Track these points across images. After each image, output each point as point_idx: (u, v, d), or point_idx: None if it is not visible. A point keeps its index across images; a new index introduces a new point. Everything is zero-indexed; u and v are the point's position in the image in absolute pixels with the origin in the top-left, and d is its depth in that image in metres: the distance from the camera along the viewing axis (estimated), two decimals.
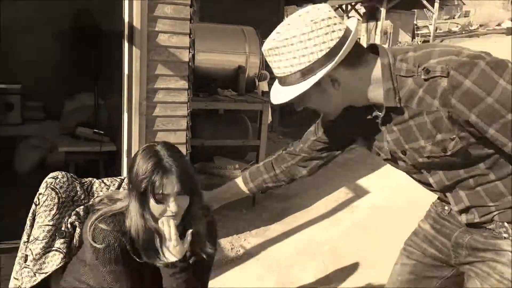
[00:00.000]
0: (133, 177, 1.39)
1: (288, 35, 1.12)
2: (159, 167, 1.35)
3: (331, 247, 3.40)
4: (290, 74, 1.16)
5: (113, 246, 1.42)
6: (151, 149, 1.41)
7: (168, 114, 3.12)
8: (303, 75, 1.14)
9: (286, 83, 1.19)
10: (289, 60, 1.14)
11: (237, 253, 3.40)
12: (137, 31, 2.91)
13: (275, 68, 1.20)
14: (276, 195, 4.57)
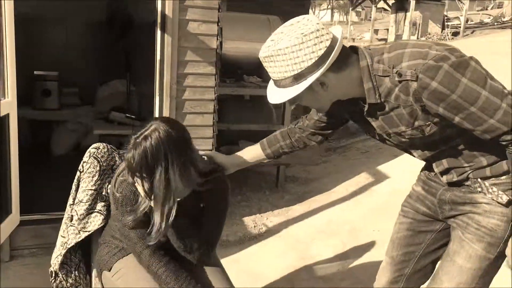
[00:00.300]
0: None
1: (281, 46, 1.28)
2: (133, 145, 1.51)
3: (350, 227, 3.55)
4: (284, 79, 1.33)
5: (129, 197, 1.62)
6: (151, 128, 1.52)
7: (197, 98, 3.32)
8: (296, 79, 1.31)
9: (281, 85, 1.35)
10: (283, 67, 1.30)
11: (260, 230, 3.59)
12: (169, 20, 3.11)
13: (271, 73, 1.36)
14: (298, 178, 4.74)
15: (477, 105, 1.25)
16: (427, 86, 1.25)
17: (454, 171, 1.49)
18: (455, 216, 1.54)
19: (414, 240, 1.68)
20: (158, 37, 3.17)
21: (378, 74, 1.35)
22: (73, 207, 1.93)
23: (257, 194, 4.25)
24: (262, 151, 1.87)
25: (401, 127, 1.41)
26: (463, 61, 1.25)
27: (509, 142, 1.32)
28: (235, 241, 3.40)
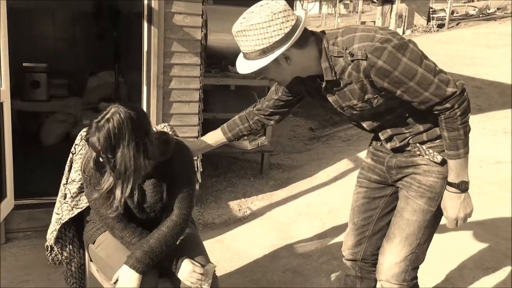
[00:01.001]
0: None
1: (253, 22, 1.46)
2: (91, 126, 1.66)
3: (329, 209, 3.75)
4: (254, 52, 1.50)
5: (95, 175, 1.76)
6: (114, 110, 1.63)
7: (183, 87, 3.47)
8: (264, 52, 1.49)
9: (250, 58, 1.53)
10: (254, 41, 1.48)
11: (244, 213, 3.77)
12: (155, 12, 3.25)
13: (242, 46, 1.54)
14: (282, 165, 4.92)
15: (414, 80, 1.49)
16: (375, 64, 1.48)
17: (396, 138, 1.72)
18: (401, 179, 1.77)
19: (370, 206, 1.90)
20: (144, 29, 3.31)
21: (333, 55, 1.56)
22: (66, 186, 2.08)
23: (243, 180, 4.43)
24: (223, 135, 2.05)
25: (353, 100, 1.63)
26: (403, 43, 1.48)
27: (440, 111, 1.54)
28: (220, 223, 3.58)
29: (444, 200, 1.67)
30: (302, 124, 6.95)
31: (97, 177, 1.77)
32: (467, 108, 1.55)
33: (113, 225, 1.80)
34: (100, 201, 1.78)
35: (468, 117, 1.57)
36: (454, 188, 1.62)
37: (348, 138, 5.80)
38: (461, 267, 2.83)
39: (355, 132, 5.87)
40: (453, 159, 1.59)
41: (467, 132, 1.58)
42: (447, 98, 1.51)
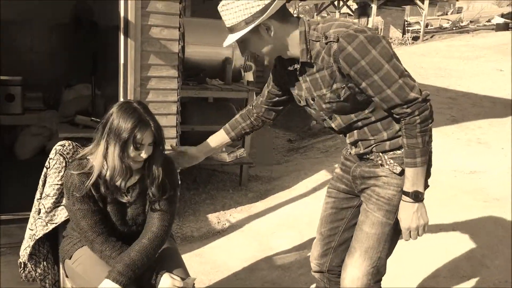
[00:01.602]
0: (115, 128, 1.71)
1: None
2: (140, 123, 1.71)
3: (308, 220, 3.75)
4: (237, 24, 1.59)
5: (79, 186, 1.76)
6: (130, 105, 1.76)
7: (160, 100, 3.46)
8: (246, 23, 1.57)
9: (234, 31, 1.61)
10: (236, 12, 1.57)
11: (223, 226, 3.75)
12: (131, 25, 3.24)
13: (226, 21, 1.62)
14: (261, 177, 4.93)
15: (379, 74, 1.52)
16: (344, 49, 1.53)
17: (361, 143, 1.75)
18: (363, 190, 1.79)
19: (337, 216, 1.93)
20: (121, 42, 3.30)
21: (312, 39, 1.63)
22: (40, 201, 2.04)
23: (221, 193, 4.42)
24: (226, 135, 2.08)
25: (323, 89, 1.67)
26: (376, 38, 1.54)
27: (400, 115, 1.57)
28: (199, 236, 3.56)
29: (399, 210, 1.68)
30: (280, 136, 6.99)
31: (79, 187, 1.76)
32: (428, 118, 1.57)
33: (93, 239, 1.78)
34: (81, 213, 1.76)
35: (429, 127, 1.59)
36: (408, 197, 1.63)
37: (326, 149, 5.85)
38: (436, 275, 2.86)
39: (333, 144, 5.93)
40: (410, 167, 1.61)
41: (426, 141, 1.59)
42: (408, 102, 1.54)
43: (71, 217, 1.85)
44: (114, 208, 1.85)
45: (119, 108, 1.76)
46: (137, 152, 1.74)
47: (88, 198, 1.79)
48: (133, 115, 1.72)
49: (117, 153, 1.72)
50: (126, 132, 1.70)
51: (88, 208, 1.79)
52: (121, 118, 1.72)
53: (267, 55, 1.70)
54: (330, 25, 1.61)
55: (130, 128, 1.70)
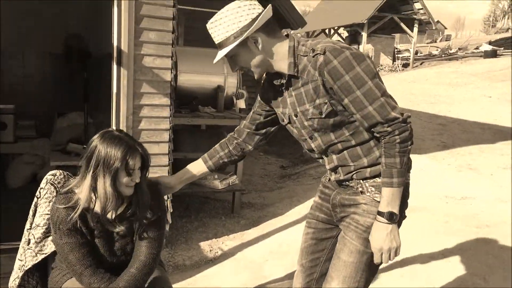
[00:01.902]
0: (103, 159, 1.71)
1: (222, 11, 1.63)
2: (130, 149, 1.73)
3: None
4: (226, 39, 1.63)
5: (65, 220, 1.75)
6: (112, 134, 1.76)
7: (152, 128, 3.48)
8: (235, 38, 1.62)
9: (223, 46, 1.65)
10: (224, 28, 1.63)
11: (216, 254, 3.72)
12: (124, 54, 3.28)
13: (215, 37, 1.66)
14: (254, 204, 4.92)
15: (362, 90, 1.55)
16: (330, 62, 1.57)
17: (341, 169, 1.73)
18: (343, 218, 1.76)
19: (318, 247, 1.92)
20: (114, 71, 3.33)
21: (300, 53, 1.67)
22: (30, 231, 2.03)
23: (214, 220, 4.40)
24: (204, 164, 2.03)
25: (306, 104, 1.68)
26: (361, 55, 1.59)
27: (381, 133, 1.58)
28: (191, 265, 3.52)
29: (372, 230, 1.65)
30: (273, 162, 7.00)
31: (66, 220, 1.75)
32: (408, 139, 1.58)
33: (81, 272, 1.76)
34: (69, 246, 1.75)
35: (408, 148, 1.59)
36: (381, 217, 1.61)
37: (318, 175, 5.86)
38: None
39: (325, 170, 5.94)
40: (386, 186, 1.60)
41: (404, 162, 1.59)
42: (389, 121, 1.56)
43: (59, 251, 1.83)
44: (102, 240, 1.84)
45: (102, 139, 1.75)
46: (129, 178, 1.75)
47: (75, 231, 1.78)
48: (120, 143, 1.73)
49: (108, 183, 1.72)
50: (118, 160, 1.71)
51: (76, 241, 1.77)
52: (108, 149, 1.72)
53: (257, 68, 1.71)
54: (318, 41, 1.65)
55: (121, 156, 1.71)
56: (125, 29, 3.24)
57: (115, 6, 3.25)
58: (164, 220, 1.96)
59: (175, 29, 3.46)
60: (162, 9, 3.35)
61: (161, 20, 3.36)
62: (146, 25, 3.32)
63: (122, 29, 3.24)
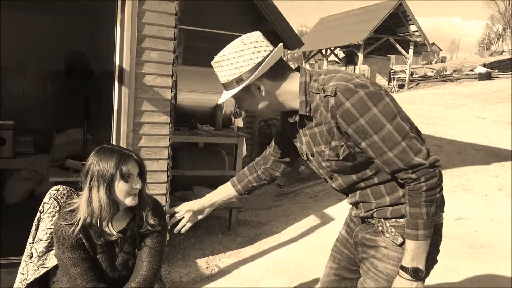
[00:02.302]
0: (97, 171, 1.76)
1: (226, 52, 1.53)
2: (123, 156, 1.78)
3: (297, 265, 3.77)
4: (229, 82, 1.55)
5: (69, 236, 1.79)
6: (106, 148, 1.81)
7: (152, 145, 3.53)
8: (237, 82, 1.53)
9: (227, 88, 1.58)
10: (227, 71, 1.54)
11: (212, 271, 3.74)
12: (126, 73, 3.35)
13: (219, 77, 1.59)
14: (250, 222, 4.95)
15: (379, 135, 1.41)
16: (341, 105, 1.42)
17: (362, 205, 1.63)
18: (363, 259, 1.66)
19: (339, 284, 1.84)
20: (116, 89, 3.40)
21: (312, 90, 1.54)
22: (32, 245, 2.07)
23: (211, 237, 4.42)
24: (232, 188, 1.99)
25: (322, 145, 1.57)
26: (378, 94, 1.42)
27: (405, 180, 1.44)
28: (188, 282, 3.54)
29: (393, 284, 1.52)
30: None
31: (70, 236, 1.78)
32: (436, 186, 1.43)
33: (82, 286, 1.79)
34: (71, 261, 1.78)
35: (436, 197, 1.44)
36: (405, 273, 1.48)
37: (315, 194, 5.91)
38: None
39: (321, 188, 5.99)
40: (411, 239, 1.46)
41: (431, 213, 1.44)
42: (413, 168, 1.41)
43: (61, 266, 1.86)
44: (104, 255, 1.87)
45: (96, 154, 1.82)
46: (129, 185, 1.79)
47: (78, 246, 1.81)
48: (113, 154, 1.79)
49: (103, 192, 1.76)
50: (112, 168, 1.76)
51: (78, 257, 1.81)
52: (102, 161, 1.77)
53: (263, 112, 1.63)
54: (331, 77, 1.51)
55: (114, 163, 1.76)
56: (127, 49, 3.32)
57: (118, 26, 3.33)
58: (165, 236, 2.00)
59: (176, 49, 3.54)
60: (164, 30, 3.44)
61: (163, 40, 3.43)
62: (148, 45, 3.39)
63: (124, 49, 3.31)
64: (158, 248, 1.92)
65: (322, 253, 3.90)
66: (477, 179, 5.89)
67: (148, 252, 1.89)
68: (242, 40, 1.54)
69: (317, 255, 3.90)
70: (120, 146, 1.91)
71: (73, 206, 1.87)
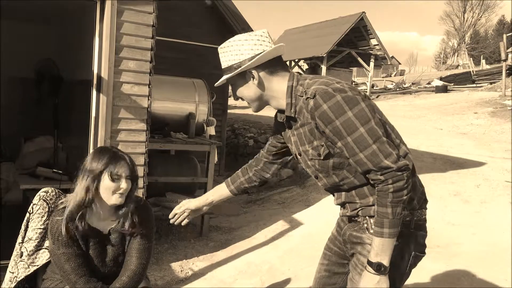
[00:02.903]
0: (88, 167, 1.89)
1: (232, 40, 1.69)
2: (115, 157, 1.92)
3: (268, 267, 3.93)
4: (229, 66, 1.69)
5: (62, 231, 1.90)
6: (103, 147, 1.97)
7: (129, 151, 3.58)
8: (235, 68, 1.67)
9: (226, 72, 1.71)
10: (229, 56, 1.69)
11: (186, 274, 3.86)
12: (104, 81, 3.45)
13: (222, 62, 1.71)
14: (222, 227, 5.09)
15: (352, 137, 1.53)
16: (319, 106, 1.55)
17: (348, 205, 1.75)
18: (352, 255, 1.78)
19: (330, 280, 1.94)
20: (93, 97, 3.49)
21: (297, 94, 1.67)
22: (22, 245, 2.15)
23: (183, 242, 4.53)
24: (227, 188, 2.10)
25: (306, 145, 1.70)
26: (355, 99, 1.54)
27: (374, 181, 1.55)
28: (163, 285, 3.64)
29: (361, 278, 1.63)
30: None
31: (65, 234, 1.90)
32: (403, 189, 1.51)
33: (75, 281, 1.90)
34: (65, 256, 1.89)
35: (403, 199, 1.52)
36: (370, 267, 1.57)
37: (283, 200, 6.10)
38: None
39: (289, 195, 6.20)
40: (376, 236, 1.56)
41: (397, 213, 1.52)
42: (382, 169, 1.51)
43: (55, 261, 1.96)
44: (96, 251, 1.99)
45: (92, 152, 1.97)
46: (116, 184, 1.90)
47: (72, 242, 1.92)
48: (105, 153, 1.93)
49: (85, 184, 1.89)
50: (101, 165, 1.89)
51: (72, 252, 1.92)
52: (94, 159, 1.91)
53: (252, 101, 1.76)
54: (314, 81, 1.64)
55: (104, 162, 1.89)
56: (105, 58, 3.42)
57: (97, 36, 3.43)
58: (153, 234, 2.13)
59: (153, 59, 3.67)
60: (142, 40, 3.56)
61: (140, 50, 3.56)
62: (126, 54, 3.51)
63: (102, 58, 3.41)
64: (147, 245, 2.05)
65: (292, 256, 4.11)
66: (435, 185, 6.23)
67: (137, 249, 2.02)
68: (249, 33, 1.70)
69: (287, 257, 4.09)
70: (117, 148, 2.03)
71: (66, 204, 1.98)
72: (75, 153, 5.03)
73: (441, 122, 13.57)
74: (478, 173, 6.78)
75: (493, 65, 32.52)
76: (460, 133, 11.60)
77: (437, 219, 4.99)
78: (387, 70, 43.82)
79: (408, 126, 13.01)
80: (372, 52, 23.25)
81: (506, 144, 9.59)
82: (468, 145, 9.40)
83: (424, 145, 9.43)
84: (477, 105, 15.87)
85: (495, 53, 40.41)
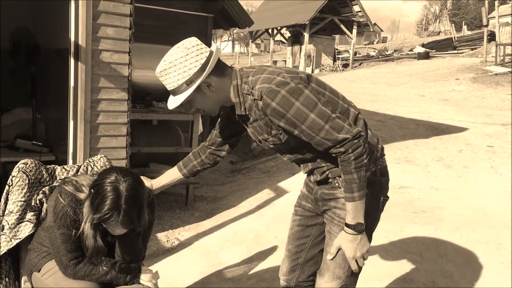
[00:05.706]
0: (95, 205, 1.77)
1: (171, 59, 1.65)
2: (116, 213, 1.75)
3: (254, 235, 3.94)
4: (178, 86, 1.67)
5: (67, 214, 1.87)
6: (115, 185, 1.75)
7: (110, 122, 3.55)
8: (187, 84, 1.65)
9: (177, 93, 1.69)
10: (175, 76, 1.66)
11: (172, 244, 3.85)
12: (82, 49, 3.33)
13: (167, 85, 1.69)
14: (207, 197, 5.07)
15: (305, 124, 1.64)
16: (269, 105, 1.64)
17: (316, 171, 1.86)
18: (325, 211, 1.89)
19: (304, 233, 2.02)
20: (71, 65, 3.37)
21: (244, 92, 1.72)
22: (3, 218, 2.10)
23: (169, 213, 4.51)
24: (179, 172, 2.13)
25: (264, 135, 1.79)
26: (298, 89, 1.64)
27: (336, 154, 1.67)
28: (149, 255, 3.62)
29: (342, 241, 1.75)
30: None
31: (71, 216, 1.87)
32: (362, 153, 1.64)
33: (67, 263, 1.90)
34: (64, 237, 1.86)
35: (363, 162, 1.65)
36: (351, 229, 1.71)
37: (267, 169, 6.10)
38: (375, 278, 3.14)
39: (274, 164, 6.19)
40: (349, 201, 1.69)
41: (362, 176, 1.66)
42: (340, 143, 1.62)
43: (51, 239, 1.91)
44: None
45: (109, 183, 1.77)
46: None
47: (73, 225, 1.87)
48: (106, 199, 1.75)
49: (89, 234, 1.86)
50: (101, 214, 1.75)
51: (70, 234, 1.88)
52: (101, 200, 1.75)
53: (213, 109, 1.80)
54: (257, 79, 1.69)
55: (97, 217, 1.77)
56: (82, 25, 3.29)
57: (72, 1, 3.29)
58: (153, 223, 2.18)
59: (132, 26, 3.55)
60: (120, 6, 3.43)
61: (119, 16, 3.43)
62: (103, 21, 3.38)
63: (80, 24, 3.28)
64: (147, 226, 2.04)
65: (278, 223, 4.12)
66: (418, 151, 6.28)
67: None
68: (183, 45, 1.67)
69: (273, 225, 4.10)
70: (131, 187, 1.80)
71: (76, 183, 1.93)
72: (55, 125, 4.91)
73: (424, 88, 13.64)
74: (460, 138, 6.85)
75: (474, 31, 32.60)
76: (442, 99, 11.68)
77: (421, 185, 5.05)
78: (370, 37, 43.71)
79: (391, 93, 13.06)
80: (355, 19, 23.10)
81: (487, 109, 9.70)
82: (450, 111, 9.47)
83: (407, 111, 9.48)
84: (459, 71, 15.97)
85: (477, 19, 40.47)
